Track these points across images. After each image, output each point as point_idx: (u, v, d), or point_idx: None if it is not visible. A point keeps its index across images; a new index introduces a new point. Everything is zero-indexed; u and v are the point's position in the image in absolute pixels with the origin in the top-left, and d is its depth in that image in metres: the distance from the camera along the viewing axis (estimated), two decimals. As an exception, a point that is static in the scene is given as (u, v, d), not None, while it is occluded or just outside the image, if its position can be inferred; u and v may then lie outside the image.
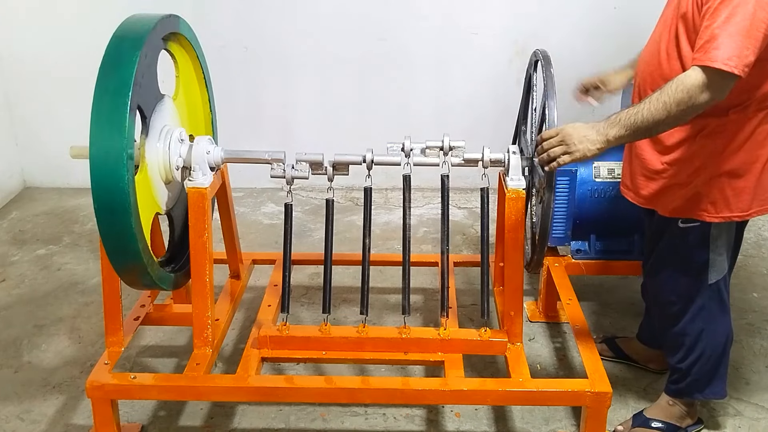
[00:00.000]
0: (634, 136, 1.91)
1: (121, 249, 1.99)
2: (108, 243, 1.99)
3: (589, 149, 1.95)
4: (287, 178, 2.26)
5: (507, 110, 3.11)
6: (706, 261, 2.14)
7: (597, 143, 1.94)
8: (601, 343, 2.75)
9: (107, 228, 1.95)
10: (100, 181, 1.88)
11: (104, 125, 1.87)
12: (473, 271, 3.18)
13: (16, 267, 3.44)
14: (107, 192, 1.89)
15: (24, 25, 3.96)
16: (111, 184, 1.88)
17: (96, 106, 1.88)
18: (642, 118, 1.86)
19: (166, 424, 2.44)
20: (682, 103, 1.81)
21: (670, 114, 1.83)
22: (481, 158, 2.26)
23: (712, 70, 1.78)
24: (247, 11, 3.93)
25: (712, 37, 1.79)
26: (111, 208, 1.91)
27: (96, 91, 1.89)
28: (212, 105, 2.59)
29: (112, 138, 1.87)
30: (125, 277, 2.12)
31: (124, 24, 2.04)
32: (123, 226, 1.93)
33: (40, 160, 4.26)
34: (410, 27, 3.97)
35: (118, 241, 1.97)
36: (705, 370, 2.28)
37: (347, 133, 4.13)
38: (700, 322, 2.23)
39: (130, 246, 1.97)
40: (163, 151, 2.16)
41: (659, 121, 1.85)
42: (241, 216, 3.89)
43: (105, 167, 1.87)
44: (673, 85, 1.83)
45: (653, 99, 1.85)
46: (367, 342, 2.32)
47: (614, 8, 3.86)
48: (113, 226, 1.94)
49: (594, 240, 2.88)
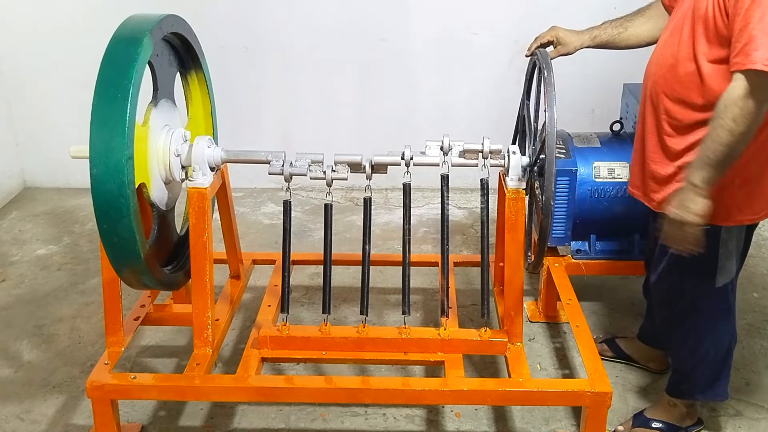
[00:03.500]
0: (720, 168, 1.86)
1: (121, 249, 1.99)
2: (108, 243, 1.99)
3: (696, 208, 1.89)
4: (285, 176, 2.26)
5: (507, 110, 3.10)
6: (715, 264, 2.12)
7: (697, 198, 1.89)
8: (602, 343, 2.75)
9: (107, 228, 1.95)
10: (100, 181, 1.88)
11: (104, 125, 1.87)
12: (473, 271, 3.18)
13: (16, 267, 3.44)
14: (107, 192, 1.89)
15: (24, 25, 3.96)
16: (111, 185, 1.88)
17: (96, 107, 1.88)
18: (713, 150, 1.83)
19: (166, 424, 2.44)
20: (739, 118, 1.77)
21: (734, 132, 1.79)
22: (481, 149, 2.26)
23: (755, 72, 1.74)
24: (247, 11, 3.93)
25: (750, 39, 1.75)
26: (111, 209, 1.91)
27: (96, 91, 1.89)
28: (212, 105, 2.59)
29: (112, 138, 1.87)
30: (125, 278, 2.12)
31: (124, 24, 2.04)
32: (123, 227, 1.93)
33: (40, 160, 4.26)
34: (410, 27, 3.96)
35: (118, 241, 1.97)
36: (708, 372, 2.28)
37: (347, 134, 4.13)
38: (704, 324, 2.22)
39: (130, 246, 1.97)
40: (164, 151, 2.17)
41: (729, 143, 1.81)
42: (241, 216, 3.89)
43: (105, 168, 1.87)
44: (721, 104, 1.80)
45: (713, 127, 1.82)
46: (367, 342, 2.32)
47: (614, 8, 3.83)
48: (113, 227, 1.94)
49: (594, 240, 2.88)
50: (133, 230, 1.94)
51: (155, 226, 2.21)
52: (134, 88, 1.90)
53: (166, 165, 2.18)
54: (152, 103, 2.19)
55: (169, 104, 2.28)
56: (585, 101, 3.92)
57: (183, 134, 2.24)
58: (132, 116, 1.90)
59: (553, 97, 2.15)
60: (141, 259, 2.01)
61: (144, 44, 1.96)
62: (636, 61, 3.85)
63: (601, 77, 3.84)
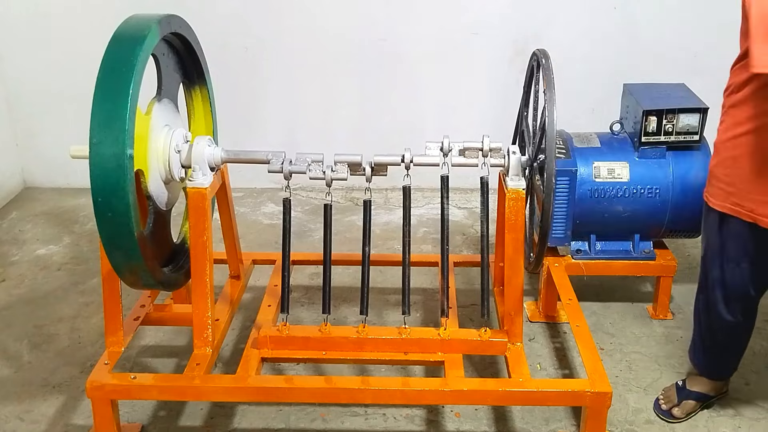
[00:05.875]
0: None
1: (120, 249, 1.99)
2: (108, 243, 1.99)
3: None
4: (285, 173, 2.25)
5: (507, 110, 3.11)
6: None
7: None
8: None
9: (107, 228, 1.95)
10: (100, 181, 1.88)
11: (104, 125, 1.87)
12: (473, 271, 3.18)
13: (16, 267, 3.44)
14: (107, 192, 1.89)
15: (24, 25, 3.96)
16: (111, 185, 1.88)
17: (96, 106, 1.88)
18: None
19: (166, 424, 2.44)
20: None
21: None
22: (481, 147, 2.26)
23: None
24: (247, 11, 3.93)
25: None
26: (111, 209, 1.91)
27: (96, 91, 1.90)
28: (212, 105, 2.59)
29: (112, 138, 1.87)
30: (125, 278, 2.12)
31: (124, 24, 2.04)
32: (123, 227, 1.93)
33: (40, 160, 4.25)
34: (411, 27, 3.96)
35: (118, 241, 1.97)
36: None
37: (347, 134, 4.13)
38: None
39: (130, 246, 1.97)
40: (164, 151, 2.17)
41: None
42: (241, 216, 3.89)
43: (105, 167, 1.87)
44: None
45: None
46: (367, 342, 2.32)
47: (614, 8, 3.86)
48: (113, 227, 1.94)
49: (594, 240, 2.88)
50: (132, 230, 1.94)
51: (151, 220, 2.19)
52: (138, 70, 1.91)
53: (165, 163, 2.18)
54: (156, 98, 2.20)
55: (171, 107, 2.29)
56: (585, 101, 3.92)
57: (184, 134, 2.25)
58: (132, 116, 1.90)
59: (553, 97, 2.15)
60: (141, 260, 2.01)
61: (152, 29, 1.99)
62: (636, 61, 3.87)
63: (601, 77, 3.84)
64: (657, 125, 2.74)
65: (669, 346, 2.83)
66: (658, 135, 2.76)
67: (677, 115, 2.74)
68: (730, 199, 2.10)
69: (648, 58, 3.83)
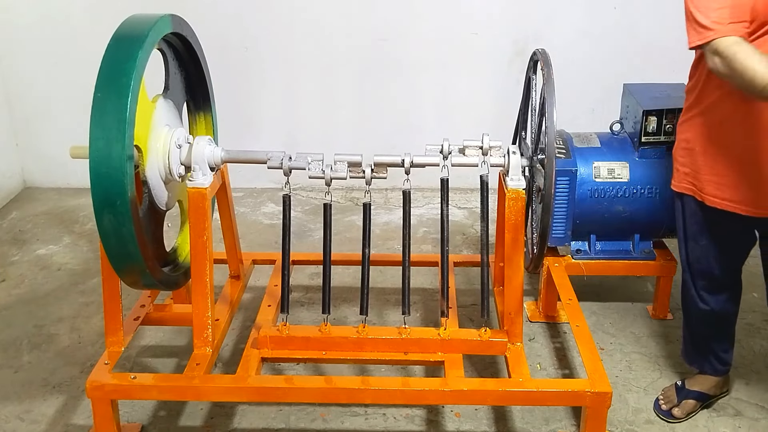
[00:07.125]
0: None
1: (121, 249, 1.99)
2: (108, 243, 1.99)
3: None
4: (284, 170, 2.25)
5: (507, 110, 3.11)
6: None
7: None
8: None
9: (107, 228, 1.95)
10: (100, 181, 1.88)
11: (104, 125, 1.87)
12: (473, 271, 3.18)
13: (16, 267, 3.44)
14: (107, 192, 1.89)
15: (24, 25, 3.96)
16: (110, 185, 1.88)
17: (96, 106, 1.88)
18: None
19: (166, 424, 2.44)
20: None
21: None
22: (481, 146, 2.26)
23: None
24: (247, 11, 3.93)
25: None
26: (111, 209, 1.91)
27: (96, 91, 1.90)
28: (212, 105, 2.59)
29: (112, 138, 1.87)
30: (125, 278, 2.12)
31: (124, 24, 2.04)
32: (123, 227, 1.93)
33: (40, 160, 4.26)
34: (411, 27, 3.96)
35: (118, 241, 1.97)
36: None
37: (347, 134, 4.13)
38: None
39: (130, 246, 1.97)
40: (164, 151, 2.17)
41: None
42: (241, 216, 3.89)
43: (105, 167, 1.87)
44: None
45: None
46: (367, 342, 2.32)
47: (614, 8, 3.86)
48: (113, 227, 1.94)
49: (594, 240, 2.88)
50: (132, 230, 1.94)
51: (145, 205, 2.17)
52: (139, 70, 1.92)
53: (165, 161, 2.18)
54: (162, 94, 2.21)
55: (175, 112, 2.29)
56: (585, 101, 3.92)
57: (185, 134, 2.25)
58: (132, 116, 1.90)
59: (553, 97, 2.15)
60: (141, 260, 2.01)
61: (152, 30, 2.00)
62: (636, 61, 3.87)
63: (601, 77, 3.84)
64: (657, 125, 2.74)
65: (669, 346, 2.83)
66: (658, 135, 2.76)
67: (677, 115, 2.73)
68: (686, 179, 2.22)
69: (648, 58, 3.83)
